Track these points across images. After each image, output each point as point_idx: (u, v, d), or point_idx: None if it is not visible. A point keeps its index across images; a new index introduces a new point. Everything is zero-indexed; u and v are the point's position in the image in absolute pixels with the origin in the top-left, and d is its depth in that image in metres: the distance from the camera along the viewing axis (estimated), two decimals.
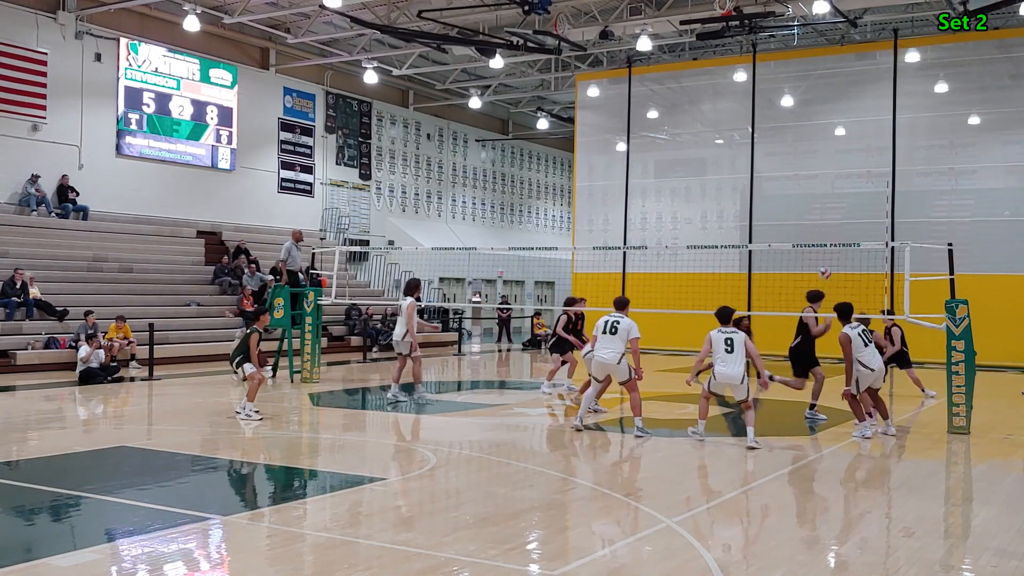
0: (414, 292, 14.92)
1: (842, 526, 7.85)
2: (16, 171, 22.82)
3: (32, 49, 23.05)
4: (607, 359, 11.67)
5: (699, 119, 29.62)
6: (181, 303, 23.24)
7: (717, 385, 11.32)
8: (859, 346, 11.61)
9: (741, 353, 11.05)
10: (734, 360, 11.05)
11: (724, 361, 11.11)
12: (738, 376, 11.04)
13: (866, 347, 11.63)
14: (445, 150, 37.77)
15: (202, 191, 27.23)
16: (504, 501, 8.45)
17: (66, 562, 6.34)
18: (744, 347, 11.09)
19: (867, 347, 11.64)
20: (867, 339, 11.71)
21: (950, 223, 24.41)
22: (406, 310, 14.60)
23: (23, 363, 18.50)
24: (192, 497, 8.48)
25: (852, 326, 11.74)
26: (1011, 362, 22.16)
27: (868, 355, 11.63)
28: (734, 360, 11.05)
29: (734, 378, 11.08)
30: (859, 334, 11.65)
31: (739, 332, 11.22)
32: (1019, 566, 6.56)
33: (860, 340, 11.63)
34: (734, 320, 11.65)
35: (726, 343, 11.13)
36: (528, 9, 21.65)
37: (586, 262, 28.71)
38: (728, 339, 11.15)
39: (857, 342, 11.61)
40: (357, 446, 11.67)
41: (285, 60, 29.54)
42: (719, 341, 11.18)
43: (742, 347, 11.08)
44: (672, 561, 6.62)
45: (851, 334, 11.64)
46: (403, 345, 14.78)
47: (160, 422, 13.32)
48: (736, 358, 11.04)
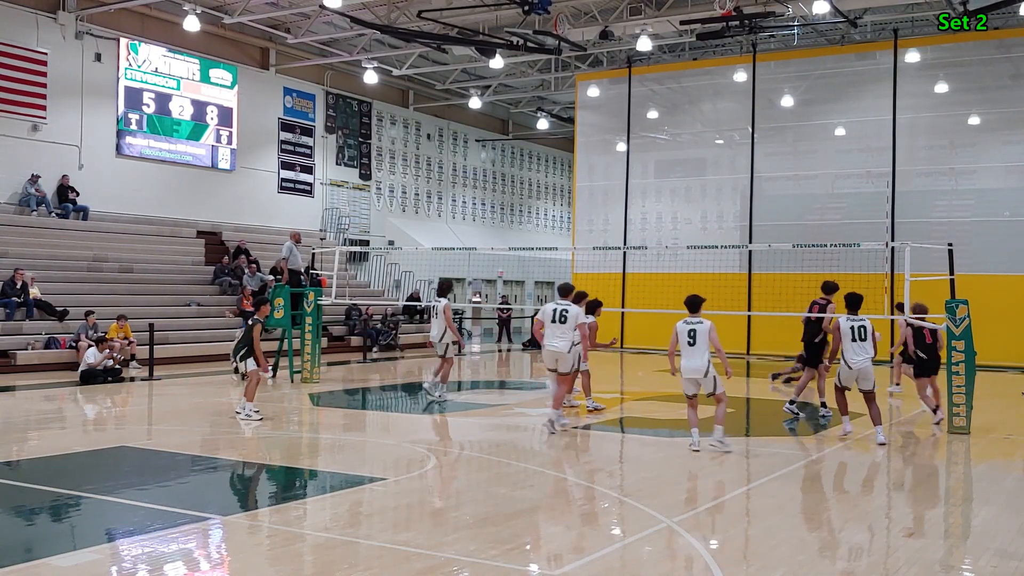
0: (447, 292, 15.02)
1: (842, 526, 7.85)
2: (16, 171, 22.82)
3: (32, 49, 23.05)
4: (557, 347, 11.64)
5: (699, 119, 29.61)
6: (181, 303, 23.24)
7: (685, 382, 10.85)
8: (847, 339, 11.54)
9: (704, 344, 10.65)
10: (697, 352, 10.63)
11: (687, 354, 10.71)
12: (701, 368, 10.61)
13: (853, 342, 11.54)
14: (445, 150, 37.77)
15: (202, 191, 27.23)
16: (504, 501, 8.45)
17: (66, 562, 6.35)
18: (708, 338, 10.65)
19: (854, 343, 11.53)
20: (859, 335, 11.57)
21: (950, 223, 24.39)
22: (442, 311, 14.67)
23: (23, 363, 18.50)
24: (192, 497, 8.48)
25: (850, 317, 11.65)
26: (1011, 362, 22.15)
27: (852, 351, 11.49)
28: (697, 352, 10.63)
29: (697, 371, 10.64)
30: (852, 327, 11.58)
31: (705, 322, 10.76)
32: (1019, 566, 6.56)
33: (851, 333, 11.54)
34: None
35: (689, 335, 10.72)
36: (528, 9, 21.64)
37: (586, 262, 28.69)
38: (691, 330, 10.71)
39: (847, 334, 11.54)
40: (357, 446, 11.67)
41: (285, 60, 29.55)
42: (683, 333, 10.76)
43: (706, 338, 10.64)
44: (672, 561, 6.62)
45: (843, 325, 11.58)
46: (441, 346, 14.87)
47: (160, 422, 13.32)
48: (699, 350, 10.63)
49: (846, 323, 11.58)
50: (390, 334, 26.22)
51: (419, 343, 27.74)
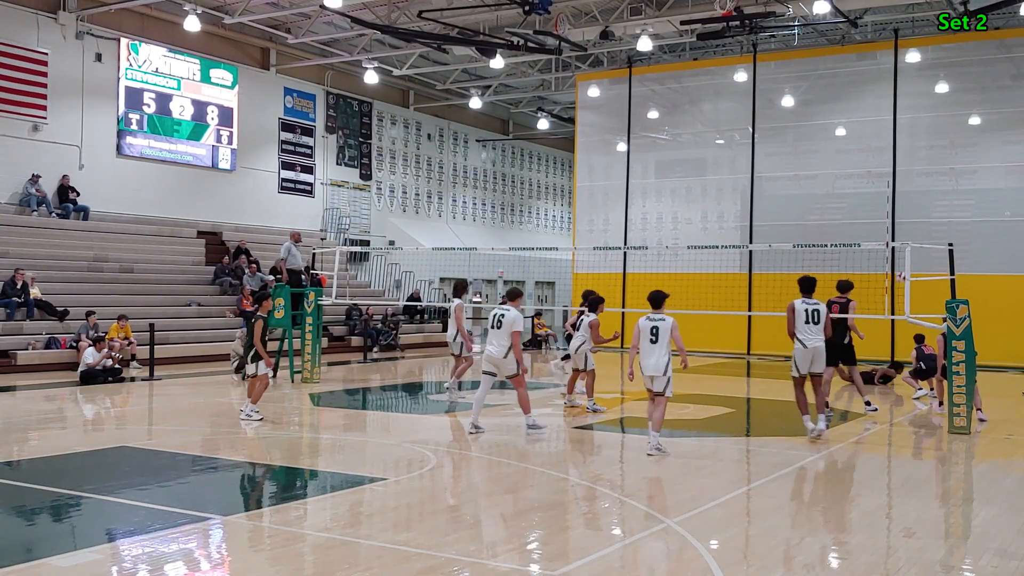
0: (461, 293, 15.06)
1: (842, 526, 7.84)
2: (17, 171, 22.82)
3: (33, 49, 23.05)
4: (493, 353, 11.53)
5: (699, 119, 29.61)
6: (181, 303, 23.24)
7: (645, 379, 10.57)
8: (800, 320, 11.51)
9: (666, 342, 10.39)
10: (658, 350, 10.38)
11: (648, 351, 10.45)
12: (660, 367, 10.35)
13: (807, 324, 11.50)
14: (445, 150, 37.76)
15: (202, 191, 27.23)
16: (504, 501, 8.45)
17: (66, 562, 6.35)
18: (671, 335, 10.40)
19: (807, 324, 11.49)
20: (812, 318, 11.53)
21: (951, 223, 24.40)
22: (454, 311, 14.74)
23: (24, 363, 18.50)
24: (192, 497, 8.48)
25: (804, 300, 11.63)
26: (1011, 362, 22.15)
27: (807, 332, 11.47)
28: (658, 350, 10.38)
29: (656, 369, 10.38)
30: (806, 310, 11.53)
31: (668, 319, 10.50)
32: (1020, 566, 6.56)
33: (804, 315, 11.51)
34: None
35: (652, 332, 10.43)
36: (528, 9, 21.65)
37: (586, 262, 28.69)
38: (654, 327, 10.43)
39: (800, 315, 11.50)
40: (357, 446, 11.67)
41: (285, 60, 29.55)
42: (645, 329, 10.47)
43: (668, 336, 10.38)
44: (672, 561, 6.62)
45: (798, 307, 11.55)
46: (455, 346, 14.95)
47: (160, 422, 13.32)
48: (660, 347, 10.37)
49: (801, 305, 11.58)
50: (390, 334, 26.22)
51: (419, 343, 27.76)
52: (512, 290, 12.23)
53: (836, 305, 13.80)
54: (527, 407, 11.73)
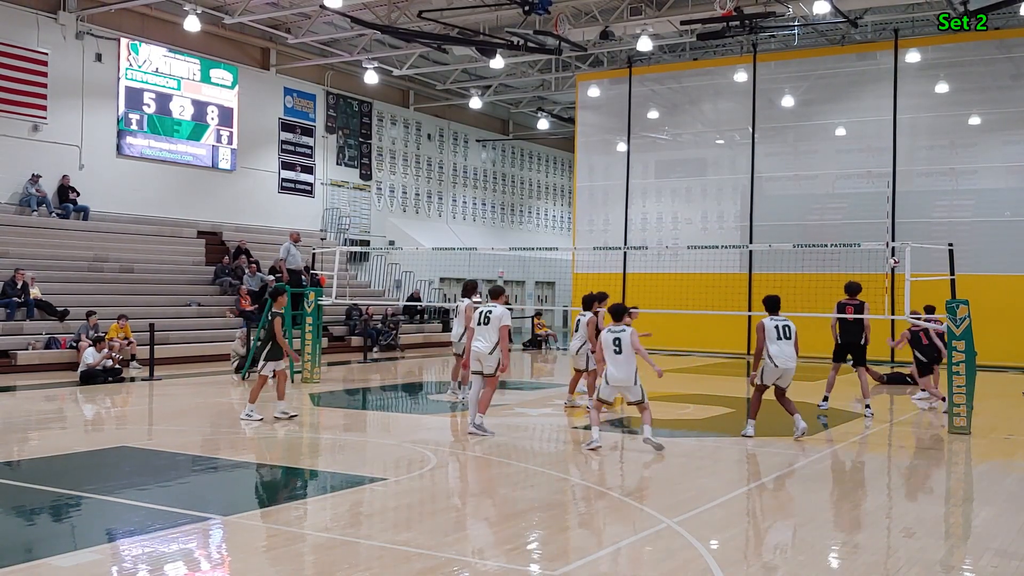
0: (471, 293, 15.08)
1: (842, 526, 7.85)
2: (17, 171, 22.82)
3: (33, 49, 23.05)
4: (480, 349, 11.58)
5: (699, 119, 29.62)
6: (181, 303, 23.24)
7: (608, 390, 10.71)
8: (771, 337, 11.47)
9: (630, 353, 10.54)
10: (623, 360, 10.52)
11: (614, 362, 10.56)
12: (630, 378, 10.54)
13: (779, 340, 11.48)
14: (445, 150, 37.76)
15: (202, 191, 27.23)
16: (504, 501, 8.45)
17: (66, 562, 6.35)
18: (632, 346, 10.55)
19: (779, 340, 11.48)
20: (783, 334, 11.52)
21: (951, 223, 24.40)
22: (464, 311, 14.78)
23: (24, 363, 18.50)
24: (192, 497, 8.48)
25: (773, 318, 11.61)
26: (1011, 362, 22.15)
27: (776, 348, 11.46)
28: (623, 360, 10.52)
29: (624, 380, 10.55)
30: (776, 326, 11.53)
31: (628, 329, 10.60)
32: (1020, 566, 6.56)
33: (775, 332, 11.49)
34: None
35: (615, 343, 10.57)
36: (528, 9, 21.64)
37: (586, 262, 28.69)
38: (616, 339, 10.56)
39: (771, 333, 11.47)
40: (357, 446, 11.67)
41: (285, 60, 29.55)
42: (607, 341, 10.62)
43: (630, 346, 10.55)
44: (672, 561, 6.61)
45: (768, 324, 11.53)
46: (459, 346, 14.99)
47: (160, 422, 13.32)
48: (625, 358, 10.52)
49: (770, 323, 11.54)
50: (390, 334, 26.22)
51: (419, 343, 27.76)
52: (494, 288, 12.27)
53: (850, 307, 13.81)
54: (485, 407, 11.68)
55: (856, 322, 13.72)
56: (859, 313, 13.70)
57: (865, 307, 13.83)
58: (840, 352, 14.18)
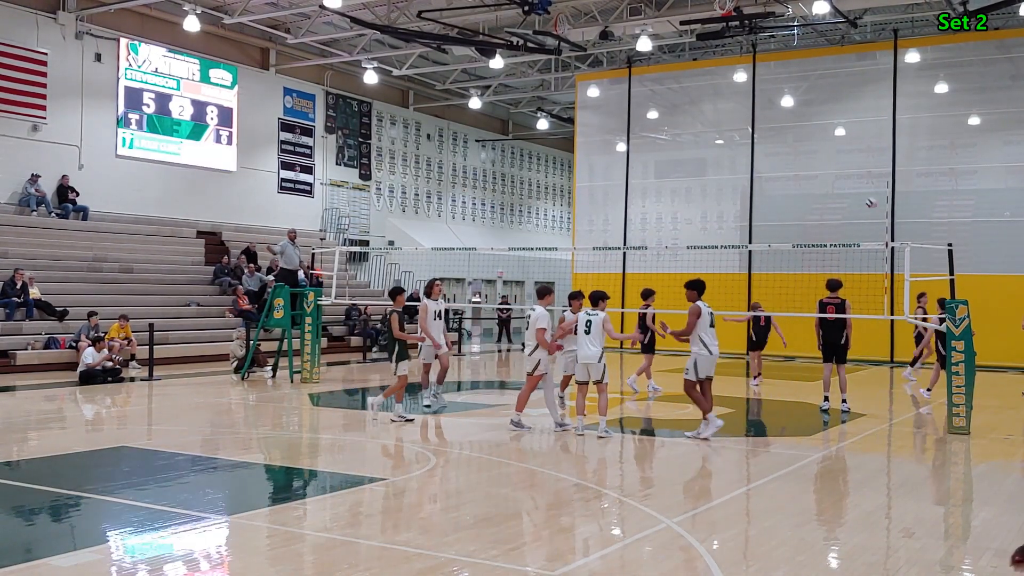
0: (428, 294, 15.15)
1: (842, 526, 7.84)
2: (16, 171, 22.81)
3: (32, 49, 23.04)
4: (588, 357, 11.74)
5: (699, 119, 29.61)
6: (181, 303, 23.24)
7: (579, 368, 11.62)
8: (705, 324, 11.43)
9: (598, 334, 11.42)
10: (591, 340, 11.42)
11: (583, 342, 11.48)
12: (595, 355, 11.43)
13: (711, 327, 11.46)
14: (445, 150, 37.76)
15: (202, 191, 27.22)
16: (504, 501, 8.45)
17: (66, 562, 6.34)
18: (603, 328, 11.44)
19: (711, 328, 11.46)
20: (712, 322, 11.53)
21: (950, 223, 24.39)
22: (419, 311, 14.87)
23: (23, 363, 18.50)
24: (192, 497, 8.47)
25: (705, 304, 11.57)
26: (1011, 362, 22.14)
27: (711, 336, 11.44)
28: (591, 340, 11.42)
29: (591, 358, 11.45)
30: (711, 313, 11.53)
31: (601, 314, 11.53)
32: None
33: (708, 319, 11.47)
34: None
35: (586, 324, 11.47)
36: (528, 9, 21.65)
37: (586, 262, 28.68)
38: (588, 321, 11.48)
39: (705, 319, 11.44)
40: (357, 446, 11.66)
41: (285, 60, 29.55)
42: (581, 322, 11.56)
43: (600, 328, 11.43)
44: (672, 561, 6.61)
45: (703, 309, 11.49)
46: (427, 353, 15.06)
47: (160, 422, 13.32)
48: (593, 339, 11.41)
49: (705, 309, 11.55)
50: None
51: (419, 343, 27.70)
52: (540, 288, 12.49)
53: (831, 306, 13.82)
54: (521, 406, 12.22)
55: (837, 320, 13.73)
56: (840, 311, 13.75)
57: (846, 305, 13.82)
58: (828, 351, 14.15)
